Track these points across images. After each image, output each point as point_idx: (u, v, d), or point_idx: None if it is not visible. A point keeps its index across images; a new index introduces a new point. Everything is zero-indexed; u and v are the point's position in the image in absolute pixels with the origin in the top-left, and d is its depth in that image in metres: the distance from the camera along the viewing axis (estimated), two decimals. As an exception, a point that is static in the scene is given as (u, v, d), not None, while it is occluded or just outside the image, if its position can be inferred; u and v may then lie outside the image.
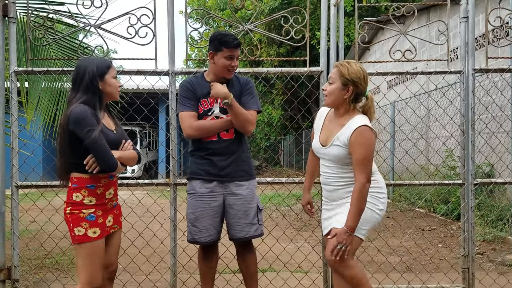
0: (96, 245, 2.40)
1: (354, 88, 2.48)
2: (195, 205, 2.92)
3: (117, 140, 2.53)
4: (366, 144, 2.43)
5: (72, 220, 2.38)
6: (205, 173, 2.92)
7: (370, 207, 2.49)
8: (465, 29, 3.50)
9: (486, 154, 5.15)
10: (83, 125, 2.32)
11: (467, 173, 3.47)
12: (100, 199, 2.45)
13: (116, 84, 2.55)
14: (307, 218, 5.45)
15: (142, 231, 3.56)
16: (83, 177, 2.42)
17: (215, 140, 2.91)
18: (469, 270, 3.46)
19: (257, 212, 2.95)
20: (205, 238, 2.89)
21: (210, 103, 2.94)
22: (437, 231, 6.38)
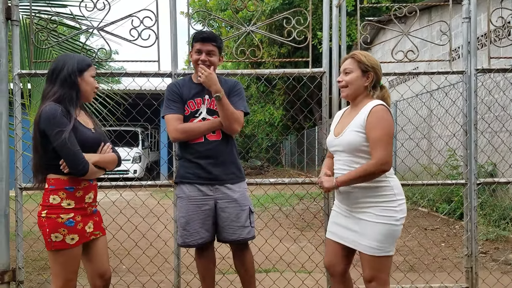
0: (73, 252, 2.32)
1: (374, 75, 2.44)
2: (186, 209, 2.88)
3: (95, 140, 2.45)
4: (384, 122, 2.33)
5: (48, 225, 2.27)
6: (194, 177, 2.88)
7: (387, 222, 2.33)
8: (467, 29, 3.51)
9: (488, 154, 5.14)
10: (52, 126, 2.24)
11: (469, 173, 3.47)
12: (79, 202, 2.36)
13: (94, 84, 2.48)
14: (310, 218, 5.45)
15: (146, 232, 3.57)
16: (61, 179, 2.33)
17: (201, 142, 2.87)
18: (472, 270, 3.46)
19: (249, 215, 2.91)
20: (196, 241, 2.87)
21: (197, 104, 2.90)
22: (440, 230, 6.38)
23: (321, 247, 3.82)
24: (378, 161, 2.28)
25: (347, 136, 2.42)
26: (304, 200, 6.13)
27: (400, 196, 2.39)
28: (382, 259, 2.36)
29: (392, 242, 2.38)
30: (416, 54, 3.48)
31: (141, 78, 3.45)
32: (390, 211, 2.34)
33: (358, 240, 2.40)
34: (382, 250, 2.34)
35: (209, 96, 2.89)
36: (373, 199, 2.37)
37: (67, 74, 2.36)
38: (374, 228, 2.34)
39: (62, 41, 3.74)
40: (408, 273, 3.81)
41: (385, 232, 2.33)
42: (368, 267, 2.39)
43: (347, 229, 2.48)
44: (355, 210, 2.43)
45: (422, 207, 7.80)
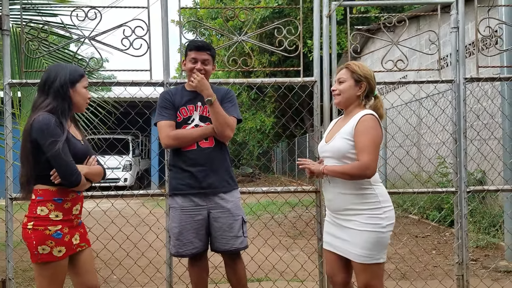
0: (60, 264, 2.29)
1: (367, 85, 2.50)
2: (179, 219, 2.87)
3: (84, 151, 2.43)
4: (371, 130, 2.39)
5: (35, 237, 2.23)
6: (187, 187, 2.87)
7: (373, 229, 2.37)
8: (455, 38, 3.56)
9: (477, 161, 5.20)
10: (46, 136, 2.21)
11: (460, 181, 3.51)
12: (67, 214, 2.32)
13: (86, 95, 2.46)
14: (303, 227, 5.45)
15: (137, 242, 3.55)
16: (49, 190, 2.30)
17: (194, 150, 2.86)
18: (463, 277, 3.48)
19: (242, 225, 2.90)
20: (190, 250, 2.86)
21: (189, 111, 2.90)
22: (430, 237, 6.42)
23: (314, 256, 3.82)
24: (362, 165, 2.34)
25: (336, 143, 2.49)
26: (296, 208, 6.14)
27: (385, 204, 2.43)
28: (373, 266, 2.39)
29: (381, 250, 2.40)
30: (406, 63, 3.52)
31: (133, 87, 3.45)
32: (376, 218, 2.38)
33: (348, 249, 2.43)
34: (372, 257, 2.37)
35: (201, 103, 2.90)
36: (358, 206, 2.42)
37: (59, 85, 2.34)
38: (361, 236, 2.38)
39: (53, 50, 3.72)
40: (400, 281, 3.83)
41: (372, 240, 2.36)
42: (360, 275, 2.41)
43: (336, 238, 2.52)
44: (341, 218, 2.48)
45: (412, 215, 7.85)
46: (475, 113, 4.40)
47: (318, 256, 3.47)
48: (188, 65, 2.91)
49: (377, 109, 2.52)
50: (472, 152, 4.07)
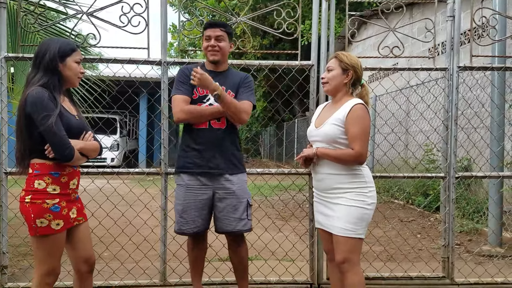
0: (58, 237, 2.32)
1: (353, 73, 2.64)
2: (183, 197, 2.92)
3: (79, 126, 2.43)
4: (362, 120, 2.55)
5: (33, 210, 2.25)
6: (194, 166, 2.90)
7: (359, 205, 2.55)
8: (451, 27, 3.61)
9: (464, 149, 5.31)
10: (39, 110, 2.22)
11: (449, 166, 3.60)
12: (64, 188, 2.35)
13: (77, 70, 2.43)
14: (295, 208, 5.54)
15: (132, 219, 3.58)
16: (46, 164, 2.31)
17: (205, 129, 2.90)
18: (449, 260, 3.61)
19: (247, 207, 2.94)
20: (192, 229, 2.91)
21: (206, 90, 2.91)
22: (415, 222, 6.57)
23: (305, 236, 3.91)
24: (356, 154, 2.53)
25: (326, 128, 2.63)
26: (289, 190, 6.22)
27: (370, 184, 2.62)
28: (354, 241, 2.55)
29: (363, 226, 2.57)
30: (401, 49, 3.57)
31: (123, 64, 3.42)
32: (362, 195, 2.56)
33: (333, 223, 2.60)
34: (354, 231, 2.54)
35: (219, 83, 2.87)
36: (346, 185, 2.58)
37: (49, 59, 2.33)
38: (348, 210, 2.55)
39: (49, 26, 3.68)
40: (387, 262, 3.94)
41: (358, 215, 2.54)
42: (341, 249, 2.57)
43: (324, 215, 2.69)
44: (330, 195, 2.63)
45: (399, 200, 8.00)
46: (467, 101, 4.48)
47: (309, 236, 3.55)
48: (204, 44, 2.94)
49: (362, 97, 2.68)
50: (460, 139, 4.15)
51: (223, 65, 3.04)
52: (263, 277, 3.57)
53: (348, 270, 2.55)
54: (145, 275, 3.55)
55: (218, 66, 3.00)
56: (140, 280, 3.46)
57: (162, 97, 3.45)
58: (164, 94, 3.44)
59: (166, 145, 3.47)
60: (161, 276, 3.46)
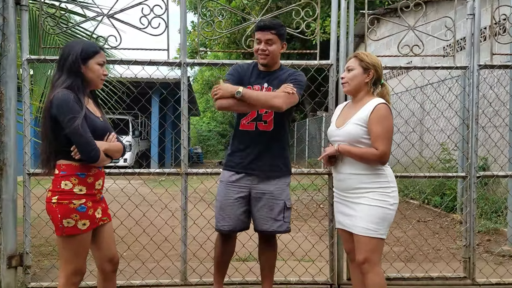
0: (84, 237, 2.35)
1: (374, 73, 2.63)
2: (223, 193, 2.97)
3: (103, 128, 2.46)
4: (386, 120, 2.54)
5: (60, 211, 2.28)
6: (237, 165, 2.95)
7: (382, 205, 2.53)
8: (471, 25, 3.58)
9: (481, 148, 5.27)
10: (65, 112, 2.24)
11: (470, 166, 3.57)
12: (90, 189, 2.38)
13: (100, 72, 2.43)
14: (315, 209, 5.53)
15: (153, 219, 3.60)
16: (73, 165, 2.34)
17: (252, 131, 2.92)
18: (470, 260, 3.58)
19: (284, 209, 2.94)
20: (227, 226, 2.93)
21: (254, 90, 2.90)
22: (432, 222, 6.52)
23: (325, 237, 3.90)
24: (381, 153, 2.51)
25: (349, 128, 2.61)
26: (308, 191, 6.22)
27: (393, 184, 2.60)
28: (376, 241, 2.53)
29: (385, 226, 2.56)
30: (421, 48, 3.55)
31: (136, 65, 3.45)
32: (385, 195, 2.54)
33: (354, 223, 2.58)
34: (377, 232, 2.52)
35: (267, 84, 2.91)
36: (368, 185, 2.56)
37: (72, 62, 2.35)
38: (370, 210, 2.53)
39: (69, 28, 3.72)
40: (408, 263, 3.91)
41: (380, 215, 2.52)
42: (362, 249, 2.55)
43: (345, 215, 2.67)
44: (352, 196, 2.61)
45: (413, 200, 7.95)
46: (487, 100, 4.44)
47: (329, 236, 3.54)
48: (254, 46, 2.93)
49: (383, 96, 2.67)
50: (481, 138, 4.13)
51: (274, 66, 3.01)
52: (283, 277, 3.57)
53: (369, 270, 2.54)
54: (166, 274, 3.56)
55: (268, 67, 2.98)
56: (161, 280, 3.48)
57: (182, 98, 3.47)
58: (184, 95, 3.46)
59: (186, 146, 3.49)
60: (182, 275, 3.47)
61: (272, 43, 2.88)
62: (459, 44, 7.84)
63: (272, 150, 2.94)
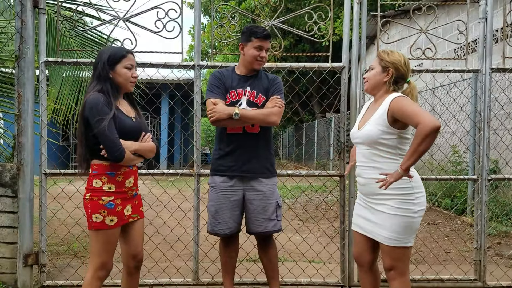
0: (112, 233, 2.45)
1: (394, 71, 2.54)
2: (216, 198, 3.00)
3: (135, 128, 2.54)
4: (407, 103, 2.40)
5: (91, 206, 2.42)
6: (227, 169, 2.98)
7: (405, 214, 2.42)
8: (483, 29, 3.59)
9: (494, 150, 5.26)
10: (94, 113, 2.35)
11: (481, 168, 3.58)
12: (119, 187, 2.48)
13: (127, 75, 2.52)
14: (325, 210, 5.55)
15: (167, 219, 3.66)
16: (103, 164, 2.45)
17: (240, 133, 2.96)
18: (481, 263, 3.58)
19: (276, 208, 3.00)
20: (224, 230, 2.99)
21: (238, 94, 2.98)
22: (442, 224, 6.51)
23: (336, 238, 3.92)
24: (426, 121, 2.28)
25: (367, 129, 2.54)
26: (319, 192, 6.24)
27: (418, 190, 2.47)
28: (401, 249, 2.45)
29: (410, 234, 2.45)
30: (434, 51, 3.57)
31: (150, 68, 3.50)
32: (408, 203, 2.42)
33: (377, 231, 2.50)
34: (400, 241, 2.43)
35: (250, 88, 2.98)
36: (391, 191, 2.43)
37: (101, 68, 2.48)
38: (392, 220, 2.43)
39: (85, 31, 3.79)
40: (419, 265, 3.92)
41: (403, 224, 2.42)
42: (387, 257, 2.49)
43: (367, 220, 2.59)
44: (374, 201, 2.53)
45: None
46: (499, 103, 4.44)
47: (340, 238, 3.56)
48: (253, 52, 2.96)
49: (406, 95, 2.55)
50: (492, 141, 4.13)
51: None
52: (294, 278, 3.60)
53: (395, 278, 2.48)
54: (178, 274, 3.61)
55: (252, 71, 3.04)
56: (173, 279, 3.52)
57: (196, 100, 3.51)
58: (197, 97, 3.50)
59: (198, 147, 3.53)
60: (194, 275, 3.52)
61: (267, 51, 3.01)
62: (471, 47, 7.82)
63: (260, 151, 3.00)
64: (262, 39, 2.95)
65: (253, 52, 2.96)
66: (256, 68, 3.02)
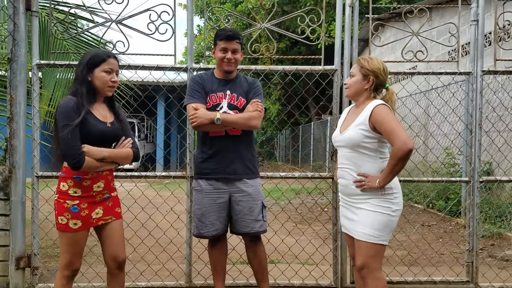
0: (76, 235, 2.46)
1: (374, 79, 2.60)
2: (201, 201, 3.01)
3: (108, 133, 2.52)
4: (388, 115, 2.49)
5: (57, 208, 2.45)
6: (211, 172, 2.99)
7: (384, 211, 2.52)
8: (475, 31, 3.61)
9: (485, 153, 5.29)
10: (61, 119, 2.36)
11: (473, 171, 3.60)
12: (86, 191, 2.47)
13: (105, 79, 2.48)
14: (318, 212, 5.56)
15: (159, 221, 3.65)
16: (70, 168, 2.43)
17: (222, 136, 2.97)
18: (473, 264, 3.60)
19: (262, 209, 3.02)
20: (211, 232, 3.00)
21: (218, 98, 2.99)
22: (436, 226, 6.53)
23: (328, 240, 3.93)
24: (400, 143, 2.41)
25: (350, 133, 2.60)
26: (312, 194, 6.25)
27: (396, 190, 2.58)
28: (376, 246, 2.52)
29: (387, 232, 2.54)
30: (425, 54, 3.59)
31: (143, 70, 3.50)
32: (387, 202, 2.53)
33: (356, 228, 2.58)
34: (378, 238, 2.51)
35: (230, 91, 3.00)
36: (372, 191, 2.53)
37: (79, 71, 2.49)
38: (372, 216, 2.52)
39: (78, 34, 3.78)
40: (411, 266, 3.94)
41: (382, 221, 2.51)
42: (361, 254, 2.55)
43: (348, 219, 2.68)
44: (355, 201, 2.61)
45: (417, 204, 7.96)
46: (491, 105, 4.46)
47: (332, 240, 3.57)
48: (219, 55, 2.98)
49: (386, 101, 2.62)
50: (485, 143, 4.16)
51: (234, 73, 3.10)
52: (286, 280, 3.60)
53: (367, 276, 2.54)
54: (171, 277, 3.61)
55: (230, 75, 3.05)
56: (166, 282, 3.52)
57: (188, 103, 3.51)
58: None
59: (192, 150, 3.53)
60: (187, 278, 3.52)
61: (237, 52, 2.99)
62: (464, 49, 7.86)
63: (243, 153, 3.02)
64: (225, 41, 2.95)
65: (219, 55, 2.99)
66: (225, 69, 3.00)
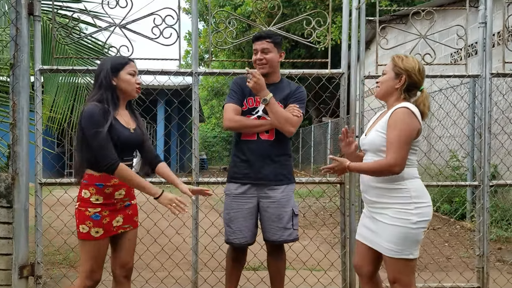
0: (98, 244, 2.43)
1: (407, 78, 2.44)
2: (230, 206, 2.96)
3: (132, 140, 2.52)
4: (401, 124, 2.33)
5: (78, 216, 2.41)
6: (242, 176, 2.95)
7: (401, 224, 2.33)
8: (482, 34, 3.57)
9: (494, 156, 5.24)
10: (90, 126, 2.33)
11: (483, 174, 3.54)
12: (108, 198, 2.45)
13: (132, 81, 2.51)
14: (327, 218, 5.50)
15: (165, 228, 3.60)
16: (94, 175, 2.43)
17: (253, 140, 2.93)
18: (483, 270, 3.54)
19: (292, 217, 2.93)
20: (238, 240, 2.92)
21: (255, 102, 2.96)
22: (441, 230, 6.48)
23: (336, 246, 3.87)
24: (388, 162, 2.30)
25: (371, 136, 2.49)
26: (320, 199, 6.19)
27: (418, 199, 2.35)
28: (402, 261, 2.34)
29: (410, 245, 2.33)
30: (433, 57, 3.54)
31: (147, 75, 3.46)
32: (405, 213, 2.32)
33: (378, 242, 2.43)
34: (400, 253, 2.33)
35: None
36: (388, 200, 2.38)
37: (103, 76, 2.46)
38: (389, 230, 2.36)
39: (81, 38, 3.74)
40: (421, 272, 3.88)
41: (400, 235, 2.32)
42: (389, 269, 2.41)
43: (369, 230, 2.52)
44: (374, 210, 2.47)
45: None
46: (499, 107, 4.42)
47: (341, 246, 3.52)
48: (253, 57, 2.98)
49: (418, 104, 2.44)
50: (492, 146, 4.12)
51: (274, 76, 3.02)
52: (294, 286, 3.55)
53: None
54: (177, 284, 3.55)
55: (268, 78, 2.97)
56: (172, 290, 3.47)
57: (193, 107, 3.47)
58: (195, 104, 3.46)
59: (197, 155, 3.48)
60: (193, 285, 3.45)
61: (268, 52, 2.93)
62: (468, 51, 7.82)
63: (275, 158, 2.94)
64: (255, 42, 2.96)
65: (253, 57, 2.99)
66: (261, 71, 2.92)
